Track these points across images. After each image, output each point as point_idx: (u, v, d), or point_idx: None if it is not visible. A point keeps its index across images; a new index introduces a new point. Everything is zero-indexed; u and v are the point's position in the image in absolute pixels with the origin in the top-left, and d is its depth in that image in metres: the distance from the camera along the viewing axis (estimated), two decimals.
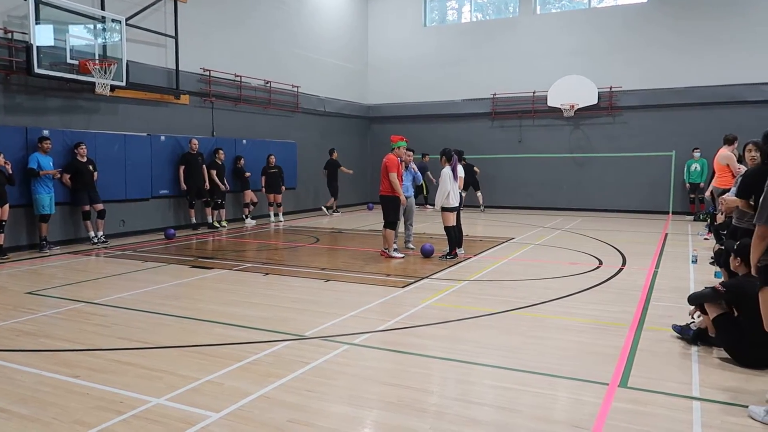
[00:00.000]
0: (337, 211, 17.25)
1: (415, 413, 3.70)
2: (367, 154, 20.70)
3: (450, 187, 9.11)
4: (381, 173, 9.56)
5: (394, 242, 9.50)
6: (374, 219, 15.85)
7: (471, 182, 17.82)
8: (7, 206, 9.32)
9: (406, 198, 9.77)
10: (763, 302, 3.67)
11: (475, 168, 17.64)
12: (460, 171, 9.42)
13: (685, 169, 15.80)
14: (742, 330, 4.55)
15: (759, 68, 15.32)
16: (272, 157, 14.87)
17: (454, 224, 9.31)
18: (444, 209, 9.21)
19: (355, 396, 3.96)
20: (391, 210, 9.45)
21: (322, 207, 17.19)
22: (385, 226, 9.47)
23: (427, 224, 14.49)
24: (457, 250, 9.38)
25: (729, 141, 9.97)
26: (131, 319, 5.85)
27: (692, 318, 5.25)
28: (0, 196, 9.20)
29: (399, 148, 9.52)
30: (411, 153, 10.39)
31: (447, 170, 9.20)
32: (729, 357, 4.64)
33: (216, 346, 4.97)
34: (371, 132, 20.96)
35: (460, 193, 9.46)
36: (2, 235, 9.31)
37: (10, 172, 9.34)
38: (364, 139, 20.76)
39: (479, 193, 17.92)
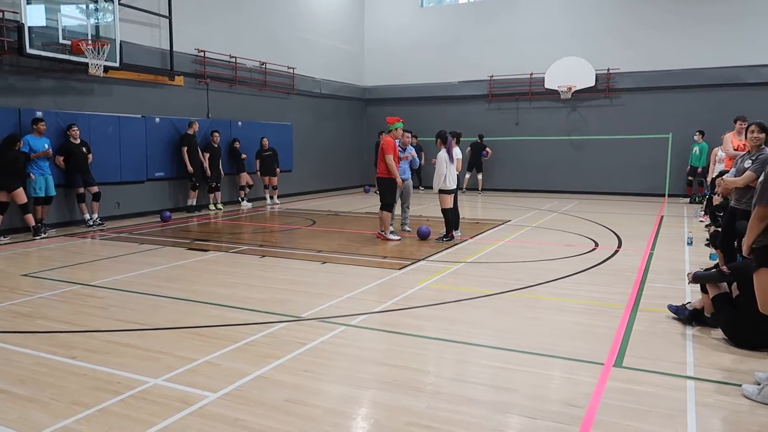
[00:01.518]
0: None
1: (412, 392, 3.72)
2: (364, 136, 20.62)
3: (446, 169, 9.11)
4: (378, 155, 9.52)
5: (391, 224, 9.49)
6: (371, 201, 15.83)
7: (475, 163, 17.88)
8: (20, 190, 9.36)
9: (403, 180, 9.72)
10: (758, 284, 3.69)
11: (488, 149, 17.76)
12: (457, 153, 9.37)
13: (690, 152, 15.60)
14: (740, 311, 4.58)
15: (757, 50, 15.25)
16: (265, 139, 14.78)
17: (452, 206, 9.30)
18: (441, 191, 9.21)
19: (352, 376, 3.98)
20: (388, 192, 9.41)
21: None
22: (381, 208, 9.46)
23: (424, 206, 14.48)
24: (454, 233, 9.38)
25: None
26: (128, 300, 5.85)
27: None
28: (18, 179, 9.29)
29: (396, 129, 9.45)
30: (409, 135, 10.26)
31: (442, 153, 9.21)
32: (725, 337, 4.68)
33: (213, 328, 4.98)
34: (367, 114, 20.84)
35: (458, 176, 9.44)
36: (29, 215, 9.56)
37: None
38: (360, 121, 20.66)
39: (480, 176, 17.98)
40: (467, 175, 18.21)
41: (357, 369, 4.10)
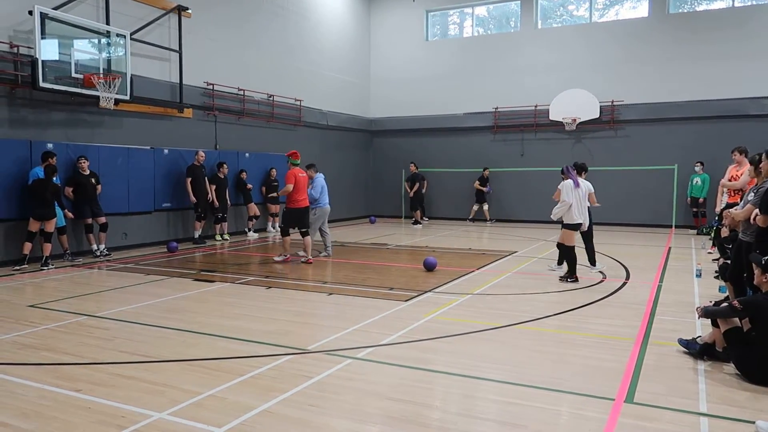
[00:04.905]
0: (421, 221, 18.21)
1: (419, 428, 3.66)
2: (370, 168, 20.75)
3: (572, 198, 8.45)
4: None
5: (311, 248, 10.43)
6: (376, 232, 15.86)
7: (479, 195, 18.12)
8: (54, 219, 9.74)
9: (319, 208, 10.86)
10: None
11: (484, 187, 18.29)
12: (588, 186, 8.76)
13: (689, 183, 15.77)
14: (753, 346, 4.52)
15: (761, 82, 15.36)
16: (273, 170, 15.04)
17: (574, 244, 8.59)
18: (565, 226, 8.59)
19: (358, 411, 3.93)
20: (288, 219, 10.53)
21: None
22: (281, 234, 10.59)
23: (430, 237, 14.49)
24: (591, 268, 8.94)
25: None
26: (133, 332, 5.83)
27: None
28: (49, 209, 9.60)
29: (294, 163, 10.57)
30: (312, 169, 11.25)
31: (567, 181, 8.57)
32: (737, 372, 4.60)
33: (218, 360, 4.94)
34: (374, 145, 21.02)
35: (588, 210, 8.83)
36: (49, 245, 9.75)
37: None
38: (366, 153, 20.81)
39: (485, 207, 18.28)
40: (474, 207, 18.33)
41: (363, 403, 4.05)
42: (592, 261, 9.37)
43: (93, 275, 9.30)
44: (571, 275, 8.56)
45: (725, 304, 4.86)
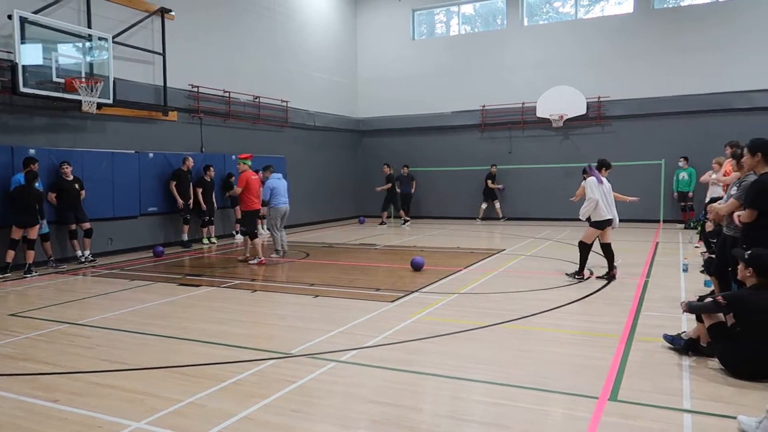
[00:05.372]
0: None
1: None
2: (359, 168, 20.69)
3: (598, 195, 8.18)
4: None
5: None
6: (365, 232, 15.81)
7: (489, 193, 18.05)
8: (37, 226, 9.62)
9: (271, 208, 11.16)
10: None
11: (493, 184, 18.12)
12: (606, 184, 8.48)
13: (674, 178, 15.87)
14: (737, 341, 4.51)
15: (746, 76, 15.44)
16: (260, 172, 14.84)
17: (591, 242, 8.45)
18: (592, 223, 8.36)
19: (341, 415, 3.88)
20: (248, 221, 10.77)
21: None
22: (251, 237, 10.71)
23: (419, 236, 14.45)
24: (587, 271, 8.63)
25: None
26: (115, 339, 5.74)
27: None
28: (32, 216, 9.46)
29: (245, 164, 10.70)
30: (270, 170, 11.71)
31: (590, 179, 8.37)
32: (721, 367, 4.59)
33: (200, 366, 4.88)
34: (362, 145, 20.96)
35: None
36: (32, 252, 9.62)
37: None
38: (354, 153, 20.75)
39: (497, 204, 18.18)
40: (483, 206, 18.22)
41: (347, 408, 4.00)
42: (610, 257, 8.81)
43: (77, 282, 9.18)
44: (579, 272, 8.49)
45: (709, 300, 4.85)
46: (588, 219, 8.50)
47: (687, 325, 5.68)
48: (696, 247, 11.29)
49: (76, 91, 10.46)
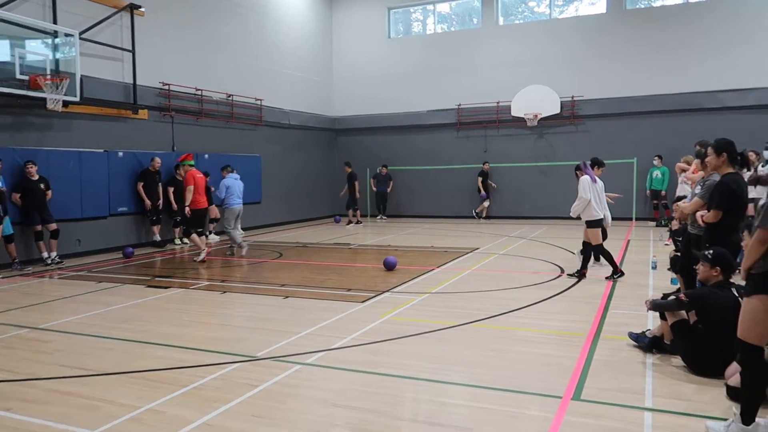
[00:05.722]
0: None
1: None
2: (334, 167, 20.58)
3: (590, 194, 8.23)
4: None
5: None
6: (341, 231, 15.73)
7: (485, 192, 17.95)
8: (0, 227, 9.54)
9: (227, 209, 11.35)
10: (747, 310, 3.38)
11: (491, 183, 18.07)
12: (599, 183, 8.56)
13: (648, 176, 16.06)
14: (699, 338, 4.56)
15: (714, 76, 15.70)
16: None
17: (602, 242, 8.45)
18: (589, 223, 8.36)
19: (303, 419, 3.82)
20: (189, 220, 10.73)
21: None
22: (185, 236, 11.04)
23: (394, 235, 14.42)
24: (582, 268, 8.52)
25: None
26: (76, 344, 5.60)
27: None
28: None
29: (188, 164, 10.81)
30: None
31: (584, 177, 8.41)
32: (684, 365, 4.63)
33: (162, 371, 4.77)
34: (338, 144, 20.86)
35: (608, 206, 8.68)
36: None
37: None
38: (330, 151, 20.64)
39: (488, 203, 18.09)
40: (486, 204, 18.08)
41: (309, 412, 3.94)
42: (597, 257, 9.03)
43: (42, 285, 8.96)
44: (583, 267, 8.46)
45: (672, 297, 4.90)
46: (579, 218, 8.52)
47: (652, 323, 5.73)
48: (666, 244, 11.43)
49: (41, 89, 10.21)
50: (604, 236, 8.87)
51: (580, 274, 8.46)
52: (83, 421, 3.81)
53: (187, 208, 10.57)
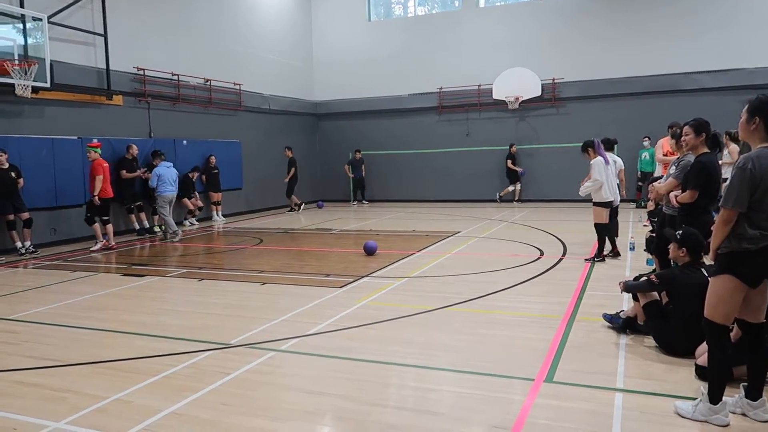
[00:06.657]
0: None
1: (333, 422, 3.55)
2: (316, 152, 20.43)
3: (603, 176, 8.13)
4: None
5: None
6: (323, 217, 15.65)
7: (511, 175, 17.62)
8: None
9: (159, 196, 11.58)
10: (714, 289, 3.37)
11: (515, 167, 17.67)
12: (619, 163, 8.47)
13: (638, 158, 16.00)
14: (670, 319, 4.57)
15: (691, 58, 15.75)
16: (213, 157, 14.71)
17: (607, 221, 8.38)
18: (596, 204, 8.30)
19: (274, 407, 3.77)
20: (93, 208, 10.70)
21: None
22: (87, 223, 10.85)
23: (376, 220, 14.37)
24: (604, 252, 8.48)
25: None
26: (44, 335, 5.49)
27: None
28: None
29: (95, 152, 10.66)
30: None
31: (597, 158, 8.23)
32: (656, 345, 4.65)
33: (132, 360, 4.69)
34: (320, 129, 20.67)
35: (618, 187, 8.64)
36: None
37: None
38: (312, 136, 20.45)
39: (518, 186, 17.75)
40: (510, 188, 17.78)
41: (280, 399, 3.90)
42: (617, 252, 8.79)
43: (15, 275, 8.79)
44: (598, 255, 8.36)
45: (644, 279, 4.91)
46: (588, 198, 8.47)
47: (627, 304, 5.74)
48: (644, 225, 11.50)
49: (9, 75, 9.94)
50: (615, 213, 8.77)
51: (606, 256, 8.35)
52: (47, 413, 3.73)
53: (95, 198, 10.53)
